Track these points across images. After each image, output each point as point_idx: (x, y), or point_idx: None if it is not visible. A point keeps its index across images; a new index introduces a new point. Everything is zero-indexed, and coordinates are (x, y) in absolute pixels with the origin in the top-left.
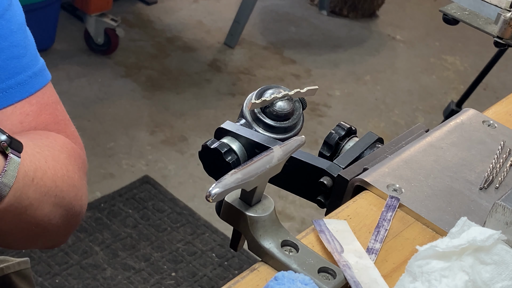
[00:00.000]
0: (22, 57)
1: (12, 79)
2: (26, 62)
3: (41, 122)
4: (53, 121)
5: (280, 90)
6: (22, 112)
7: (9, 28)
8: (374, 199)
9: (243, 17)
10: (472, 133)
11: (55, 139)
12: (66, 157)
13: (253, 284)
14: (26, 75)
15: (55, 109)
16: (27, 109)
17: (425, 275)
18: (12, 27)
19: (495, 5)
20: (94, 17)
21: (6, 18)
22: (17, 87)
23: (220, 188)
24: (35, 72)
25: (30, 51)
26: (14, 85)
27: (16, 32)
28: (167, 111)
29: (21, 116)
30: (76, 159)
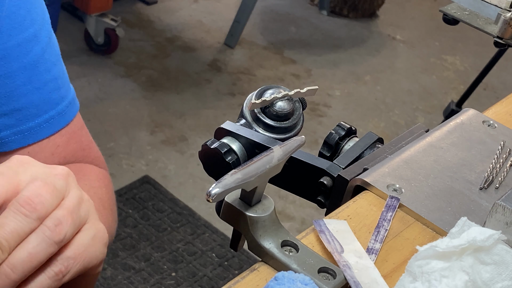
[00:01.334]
0: (61, 88)
1: (53, 110)
2: (64, 92)
3: (70, 151)
4: (80, 148)
5: (280, 90)
6: (54, 144)
7: (51, 61)
8: (374, 199)
9: (243, 17)
10: (472, 133)
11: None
12: (106, 192)
13: (253, 284)
14: (63, 104)
15: (81, 135)
16: (58, 140)
17: (425, 275)
18: (53, 60)
19: (495, 5)
20: (94, 17)
21: (48, 51)
22: (58, 117)
23: (220, 188)
24: (70, 101)
25: (65, 80)
26: (56, 115)
27: (56, 64)
28: (167, 111)
29: (53, 148)
30: (109, 188)
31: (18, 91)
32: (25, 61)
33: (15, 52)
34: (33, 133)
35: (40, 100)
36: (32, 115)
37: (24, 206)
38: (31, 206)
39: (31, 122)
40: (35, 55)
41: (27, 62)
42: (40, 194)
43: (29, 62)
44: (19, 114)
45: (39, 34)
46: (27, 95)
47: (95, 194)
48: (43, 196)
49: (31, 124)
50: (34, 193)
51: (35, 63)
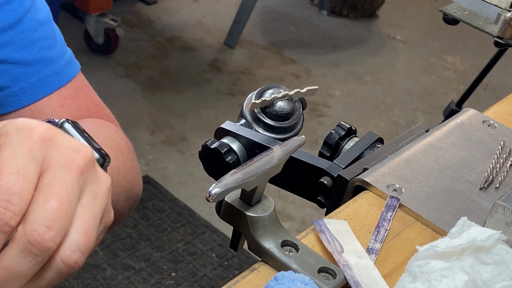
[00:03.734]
0: (53, 47)
1: (48, 69)
2: (58, 52)
3: (81, 104)
4: (92, 103)
5: (280, 90)
6: (60, 96)
7: (37, 20)
8: (374, 199)
9: (243, 17)
10: (472, 133)
11: (109, 127)
12: (125, 145)
13: (253, 284)
14: (60, 63)
15: (90, 91)
16: (64, 93)
17: (425, 275)
18: (39, 19)
19: (495, 5)
20: (94, 17)
21: (33, 11)
22: (54, 75)
23: (220, 188)
24: (67, 60)
25: (59, 42)
26: (51, 74)
27: (44, 24)
28: (167, 111)
29: (59, 100)
30: (128, 142)
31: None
32: (3, 22)
33: None
34: (29, 93)
35: (28, 59)
36: (23, 75)
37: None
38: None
39: (24, 82)
40: (14, 15)
41: (5, 23)
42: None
43: (8, 23)
44: (7, 74)
45: None
46: (11, 55)
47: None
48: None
49: (24, 84)
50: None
51: (15, 23)
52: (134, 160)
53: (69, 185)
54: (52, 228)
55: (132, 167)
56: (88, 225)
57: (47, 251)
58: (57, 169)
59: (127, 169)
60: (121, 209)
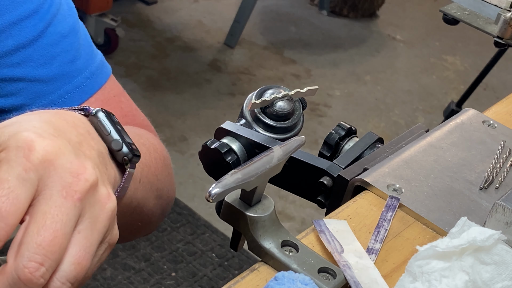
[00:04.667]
0: (76, 60)
1: (69, 84)
2: (81, 64)
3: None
4: (120, 115)
5: (280, 90)
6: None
7: (59, 33)
8: (374, 199)
9: (243, 17)
10: (472, 133)
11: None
12: (158, 143)
13: (253, 284)
14: (82, 77)
15: (118, 102)
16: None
17: (425, 275)
18: (62, 32)
19: (495, 5)
20: (94, 17)
21: (55, 23)
22: (75, 91)
23: (220, 188)
24: (92, 71)
25: (84, 51)
26: (72, 89)
27: (67, 36)
28: (167, 111)
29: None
30: (164, 148)
31: (19, 70)
32: (21, 39)
33: (7, 31)
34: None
35: (48, 76)
36: (43, 92)
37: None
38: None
39: (43, 100)
40: (33, 31)
41: (23, 39)
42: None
43: (26, 39)
44: (26, 92)
45: (40, 9)
46: (30, 72)
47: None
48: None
49: (43, 101)
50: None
51: (34, 39)
52: (168, 160)
53: (64, 215)
54: (44, 264)
55: (164, 166)
56: (81, 254)
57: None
58: (53, 195)
59: (158, 167)
60: (152, 208)
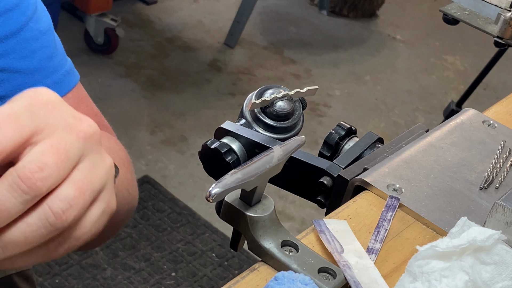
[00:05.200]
0: (54, 57)
1: (48, 79)
2: (58, 61)
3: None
4: (92, 113)
5: (280, 90)
6: None
7: (38, 30)
8: (374, 199)
9: (243, 17)
10: (472, 133)
11: (110, 138)
12: (125, 156)
13: (253, 284)
14: (60, 73)
15: (90, 102)
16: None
17: (425, 275)
18: (41, 28)
19: (495, 5)
20: (94, 17)
21: (34, 20)
22: (54, 86)
23: (220, 188)
24: (67, 70)
25: (60, 51)
26: (51, 84)
27: (45, 33)
28: (167, 111)
29: None
30: (127, 154)
31: (1, 61)
32: (6, 30)
33: None
34: None
35: (28, 68)
36: (23, 84)
37: (23, 180)
38: (31, 182)
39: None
40: (16, 24)
41: (7, 31)
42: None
43: (10, 31)
44: (7, 83)
45: (21, 3)
46: (12, 63)
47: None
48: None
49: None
50: (38, 164)
51: (16, 31)
52: (132, 171)
53: (68, 144)
54: (44, 170)
55: (132, 179)
56: (81, 183)
57: (35, 191)
58: (57, 129)
59: (129, 182)
60: (122, 220)
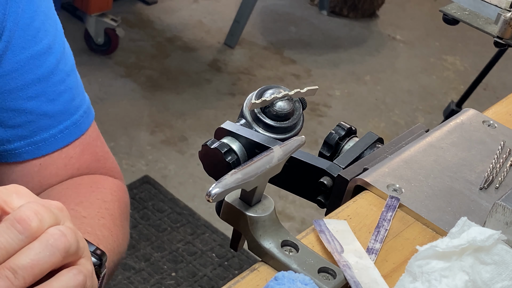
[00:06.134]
0: (76, 98)
1: (68, 121)
2: (79, 102)
3: (84, 162)
4: (94, 159)
5: (280, 90)
6: (67, 156)
7: (65, 72)
8: (374, 199)
9: (243, 17)
10: (472, 133)
11: (104, 186)
12: (118, 207)
13: (253, 284)
14: (79, 114)
15: (95, 146)
16: (71, 152)
17: (425, 275)
18: (67, 70)
19: (495, 5)
20: (94, 17)
21: (63, 62)
22: (73, 127)
23: (220, 188)
24: (85, 110)
25: (80, 90)
26: (71, 125)
27: (69, 74)
28: (167, 111)
29: (65, 159)
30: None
31: (32, 103)
32: (38, 73)
33: (28, 65)
34: (47, 144)
35: (54, 111)
36: (46, 126)
37: (19, 222)
38: (26, 223)
39: (45, 133)
40: (48, 66)
41: (40, 74)
42: (37, 212)
43: (42, 74)
44: (32, 125)
45: (53, 45)
46: (40, 106)
47: (107, 210)
48: (40, 215)
49: (44, 135)
50: (31, 210)
51: (48, 74)
52: (126, 224)
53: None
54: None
55: (124, 234)
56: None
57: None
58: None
59: (119, 242)
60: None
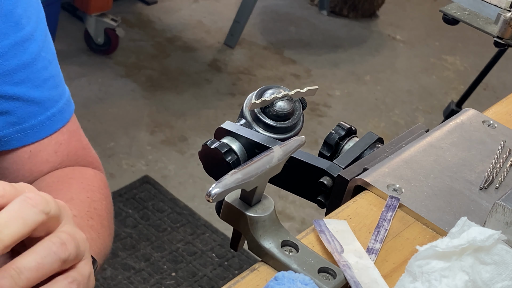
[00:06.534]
0: (58, 86)
1: (54, 108)
2: (61, 90)
3: (72, 149)
4: (81, 147)
5: (280, 90)
6: (56, 142)
7: (47, 59)
8: (374, 199)
9: (243, 17)
10: (472, 133)
11: (93, 183)
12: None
13: (253, 284)
14: (62, 102)
15: (80, 134)
16: (60, 138)
17: (425, 275)
18: (49, 58)
19: (495, 5)
20: (94, 17)
21: (45, 49)
22: (59, 114)
23: (220, 188)
24: (67, 98)
25: (61, 80)
26: (57, 113)
27: (51, 62)
28: (167, 111)
29: (55, 146)
30: (108, 199)
31: (18, 89)
32: (23, 59)
33: (12, 51)
34: (36, 131)
35: (40, 97)
36: (34, 113)
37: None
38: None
39: (33, 120)
40: (32, 53)
41: (24, 60)
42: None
43: (26, 60)
44: (20, 111)
45: (35, 32)
46: (27, 92)
47: (96, 210)
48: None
49: (33, 122)
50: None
51: (32, 61)
52: (111, 217)
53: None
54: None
55: (110, 235)
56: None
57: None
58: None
59: (106, 244)
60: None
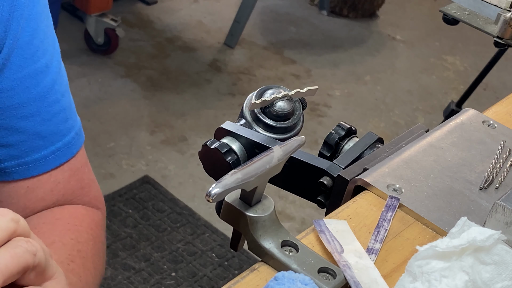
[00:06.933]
0: (68, 119)
1: (60, 142)
2: (71, 124)
3: (69, 189)
4: (80, 186)
5: (280, 90)
6: (55, 180)
7: (60, 92)
8: (374, 199)
9: (243, 17)
10: (472, 133)
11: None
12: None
13: (253, 284)
14: (70, 136)
15: (83, 173)
16: (59, 176)
17: (425, 275)
18: (62, 90)
19: (495, 5)
20: (94, 17)
21: (58, 82)
22: (65, 149)
23: (220, 188)
24: (77, 132)
25: (73, 111)
26: (62, 147)
27: (64, 94)
28: (167, 111)
29: (53, 184)
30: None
31: (25, 123)
32: (34, 93)
33: (25, 83)
34: (37, 165)
35: (47, 132)
36: (38, 147)
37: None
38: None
39: (36, 154)
40: (45, 86)
41: (36, 93)
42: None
43: (38, 94)
44: (24, 145)
45: (50, 64)
46: (34, 126)
47: (79, 252)
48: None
49: (36, 156)
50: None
51: (44, 94)
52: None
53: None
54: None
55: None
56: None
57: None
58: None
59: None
60: None
